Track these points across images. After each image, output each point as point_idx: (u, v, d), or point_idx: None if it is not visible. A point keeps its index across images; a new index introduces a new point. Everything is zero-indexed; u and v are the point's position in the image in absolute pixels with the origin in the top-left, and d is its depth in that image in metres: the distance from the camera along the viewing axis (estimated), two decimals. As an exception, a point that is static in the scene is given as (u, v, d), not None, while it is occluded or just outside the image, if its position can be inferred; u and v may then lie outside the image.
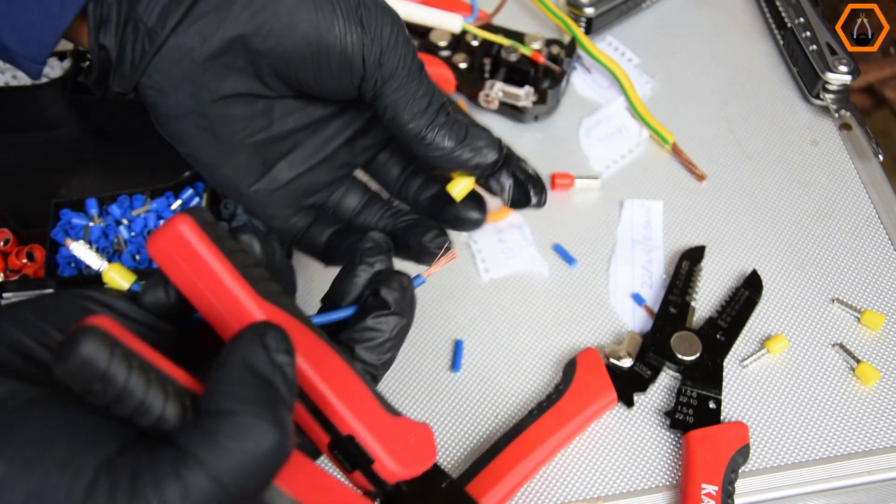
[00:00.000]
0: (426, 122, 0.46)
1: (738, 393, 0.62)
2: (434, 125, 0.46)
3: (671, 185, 0.74)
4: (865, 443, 0.60)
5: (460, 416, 0.62)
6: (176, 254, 0.37)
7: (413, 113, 0.46)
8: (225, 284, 0.36)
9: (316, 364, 0.38)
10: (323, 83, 0.46)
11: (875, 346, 0.64)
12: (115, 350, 0.29)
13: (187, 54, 0.45)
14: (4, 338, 0.34)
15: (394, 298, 0.43)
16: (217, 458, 0.29)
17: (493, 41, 0.77)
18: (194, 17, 0.44)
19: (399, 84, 0.45)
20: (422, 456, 0.40)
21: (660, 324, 0.64)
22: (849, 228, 0.71)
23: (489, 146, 0.48)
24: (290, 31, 0.44)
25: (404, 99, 0.46)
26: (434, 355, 0.64)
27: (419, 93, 0.46)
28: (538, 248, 0.70)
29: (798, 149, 0.76)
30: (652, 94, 0.80)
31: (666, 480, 0.59)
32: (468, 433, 0.61)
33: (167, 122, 0.48)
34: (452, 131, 0.47)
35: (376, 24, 0.45)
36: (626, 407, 0.61)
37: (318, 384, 0.38)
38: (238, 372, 0.32)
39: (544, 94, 0.75)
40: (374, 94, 0.46)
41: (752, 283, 0.67)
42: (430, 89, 0.47)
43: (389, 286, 0.44)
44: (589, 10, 0.81)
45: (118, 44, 0.45)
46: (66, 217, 0.66)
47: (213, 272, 0.36)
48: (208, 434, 0.30)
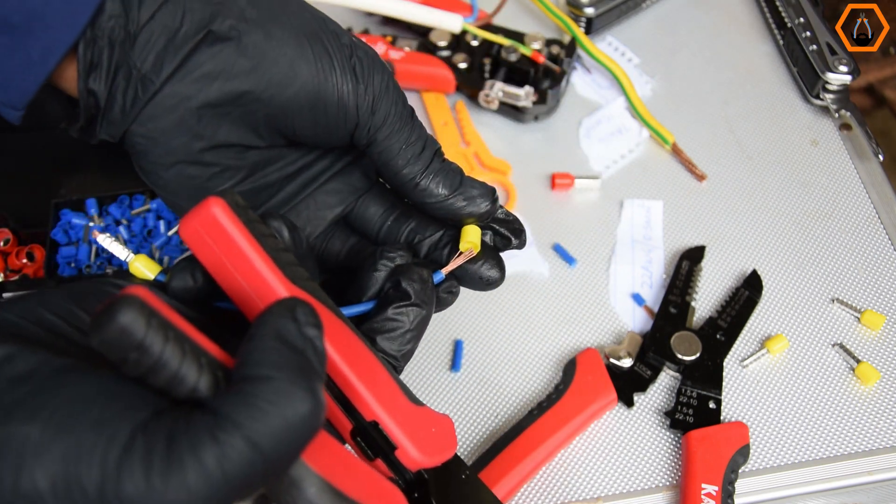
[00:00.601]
0: (420, 167, 0.46)
1: (738, 393, 0.62)
2: (429, 171, 0.47)
3: (671, 185, 0.74)
4: (865, 443, 0.60)
5: (460, 416, 0.62)
6: (207, 235, 0.37)
7: (407, 158, 0.46)
8: (255, 266, 0.37)
9: (341, 349, 0.39)
10: (318, 132, 0.46)
11: (875, 346, 0.64)
12: (151, 320, 0.29)
13: (183, 102, 0.45)
14: (32, 315, 0.34)
15: (414, 290, 0.44)
16: (255, 421, 0.30)
17: (493, 41, 0.77)
18: (193, 66, 0.44)
19: (392, 130, 0.46)
20: (443, 445, 0.40)
21: (660, 324, 0.64)
22: (849, 228, 0.71)
23: (482, 195, 0.48)
24: (290, 82, 0.44)
25: (397, 144, 0.46)
26: (434, 355, 0.64)
27: (412, 138, 0.46)
28: (538, 248, 0.70)
29: (798, 149, 0.76)
30: (652, 94, 0.80)
31: (666, 480, 0.59)
32: (468, 433, 0.61)
33: (154, 170, 0.48)
34: (447, 178, 0.47)
35: (368, 73, 0.45)
36: (626, 407, 0.61)
37: (343, 369, 0.38)
38: (270, 342, 0.32)
39: (544, 94, 0.75)
40: (368, 140, 0.46)
41: (752, 283, 0.67)
42: (423, 135, 0.47)
43: (410, 278, 0.44)
44: (589, 10, 0.81)
45: (108, 89, 0.44)
46: (66, 217, 0.66)
47: (244, 254, 0.37)
48: (245, 398, 0.30)
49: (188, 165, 0.47)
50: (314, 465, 0.34)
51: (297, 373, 0.31)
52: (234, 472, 0.29)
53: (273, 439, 0.30)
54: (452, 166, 0.48)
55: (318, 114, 0.45)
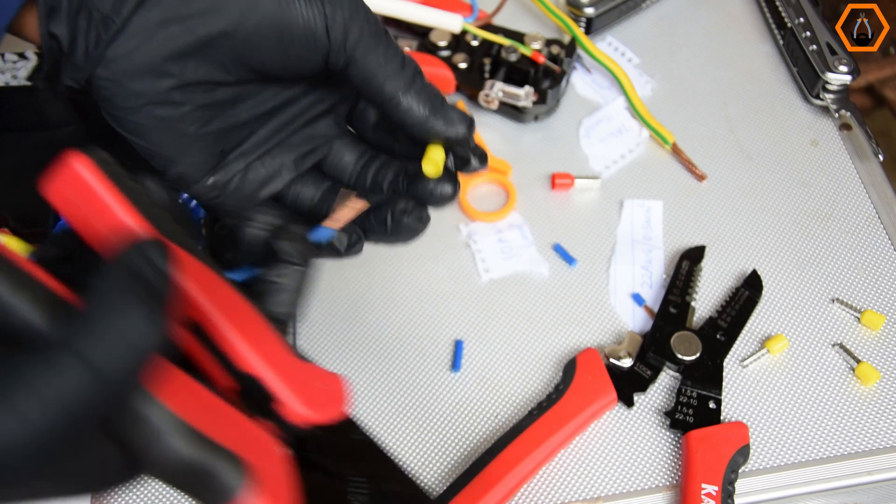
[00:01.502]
0: (402, 83, 0.46)
1: (738, 393, 0.62)
2: (411, 88, 0.46)
3: (671, 185, 0.74)
4: (865, 443, 0.60)
5: (460, 416, 0.62)
6: (73, 194, 0.35)
7: (387, 73, 0.45)
8: (122, 221, 0.35)
9: (217, 301, 0.37)
10: (288, 61, 0.46)
11: (875, 346, 0.64)
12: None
13: (145, 42, 0.44)
14: None
15: (290, 249, 0.44)
16: (90, 343, 0.28)
17: (493, 41, 0.77)
18: (151, 3, 0.43)
19: (368, 46, 0.45)
20: (330, 400, 0.38)
21: (660, 324, 0.64)
22: (849, 228, 0.71)
23: (461, 120, 0.47)
24: (251, 12, 0.44)
25: (376, 60, 0.45)
26: (434, 355, 0.64)
27: (390, 53, 0.46)
28: (538, 248, 0.70)
29: (798, 149, 0.76)
30: (652, 94, 0.80)
31: (666, 480, 0.59)
32: (468, 433, 0.61)
33: (123, 115, 0.47)
34: (428, 98, 0.47)
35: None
36: (626, 407, 0.61)
37: (217, 320, 0.36)
38: (115, 272, 0.30)
39: (544, 94, 0.75)
40: (345, 61, 0.45)
41: (752, 283, 0.67)
42: (401, 52, 0.47)
43: (285, 238, 0.44)
44: (589, 10, 0.81)
45: (70, 33, 0.44)
46: (66, 217, 0.66)
47: (110, 209, 0.35)
48: (83, 323, 0.29)
49: (157, 107, 0.46)
50: (168, 402, 0.32)
51: (137, 295, 0.30)
52: (71, 397, 0.28)
53: (109, 358, 0.28)
54: (433, 87, 0.47)
55: (286, 43, 0.45)
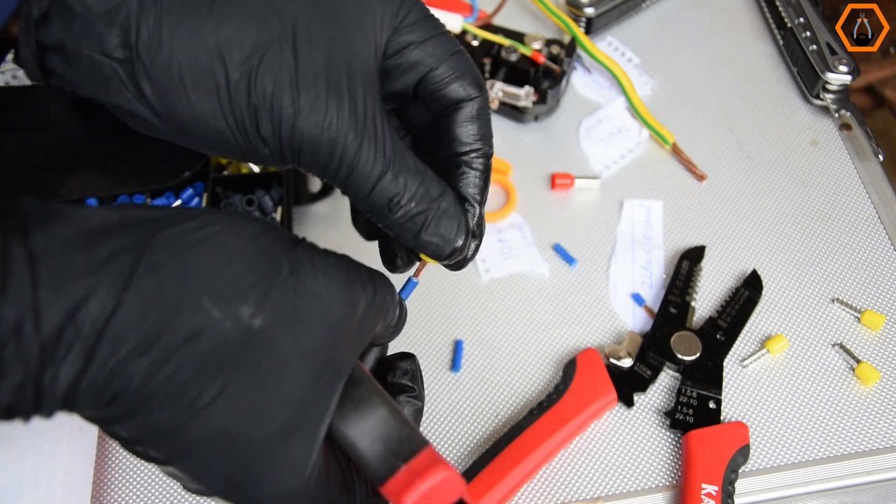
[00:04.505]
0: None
1: (738, 393, 0.62)
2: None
3: (671, 185, 0.74)
4: (865, 443, 0.60)
5: (460, 416, 0.62)
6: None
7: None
8: None
9: None
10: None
11: (875, 346, 0.64)
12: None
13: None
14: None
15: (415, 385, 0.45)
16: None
17: (493, 41, 0.77)
18: None
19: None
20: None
21: (660, 324, 0.64)
22: (849, 228, 0.71)
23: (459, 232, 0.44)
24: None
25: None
26: (434, 355, 0.64)
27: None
28: (538, 248, 0.70)
29: (798, 149, 0.76)
30: (652, 94, 0.80)
31: (666, 480, 0.59)
32: (468, 433, 0.61)
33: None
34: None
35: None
36: (626, 407, 0.61)
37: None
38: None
39: (544, 94, 0.75)
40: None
41: (752, 283, 0.67)
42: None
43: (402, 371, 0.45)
44: (589, 10, 0.81)
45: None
46: (66, 217, 0.66)
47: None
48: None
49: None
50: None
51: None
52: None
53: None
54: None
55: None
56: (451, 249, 0.43)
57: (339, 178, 0.40)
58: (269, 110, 0.38)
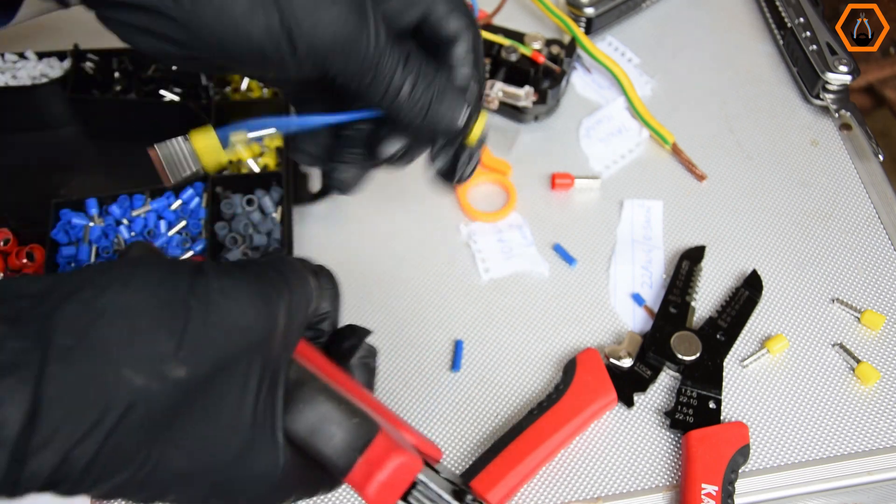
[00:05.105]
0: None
1: (738, 393, 0.62)
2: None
3: (671, 185, 0.74)
4: (865, 443, 0.60)
5: (460, 416, 0.62)
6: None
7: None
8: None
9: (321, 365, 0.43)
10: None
11: (875, 346, 0.64)
12: None
13: None
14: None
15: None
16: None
17: (493, 41, 0.77)
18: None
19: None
20: (395, 483, 0.41)
21: (660, 324, 0.64)
22: (849, 228, 0.71)
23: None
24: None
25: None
26: (434, 355, 0.64)
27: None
28: (538, 248, 0.70)
29: (798, 149, 0.76)
30: (652, 94, 0.80)
31: (666, 480, 0.59)
32: (468, 433, 0.61)
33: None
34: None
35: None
36: (626, 407, 0.61)
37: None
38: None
39: (544, 94, 0.75)
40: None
41: (752, 283, 0.67)
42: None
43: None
44: (589, 10, 0.81)
45: None
46: (66, 217, 0.66)
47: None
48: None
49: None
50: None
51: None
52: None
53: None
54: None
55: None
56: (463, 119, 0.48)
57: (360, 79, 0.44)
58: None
